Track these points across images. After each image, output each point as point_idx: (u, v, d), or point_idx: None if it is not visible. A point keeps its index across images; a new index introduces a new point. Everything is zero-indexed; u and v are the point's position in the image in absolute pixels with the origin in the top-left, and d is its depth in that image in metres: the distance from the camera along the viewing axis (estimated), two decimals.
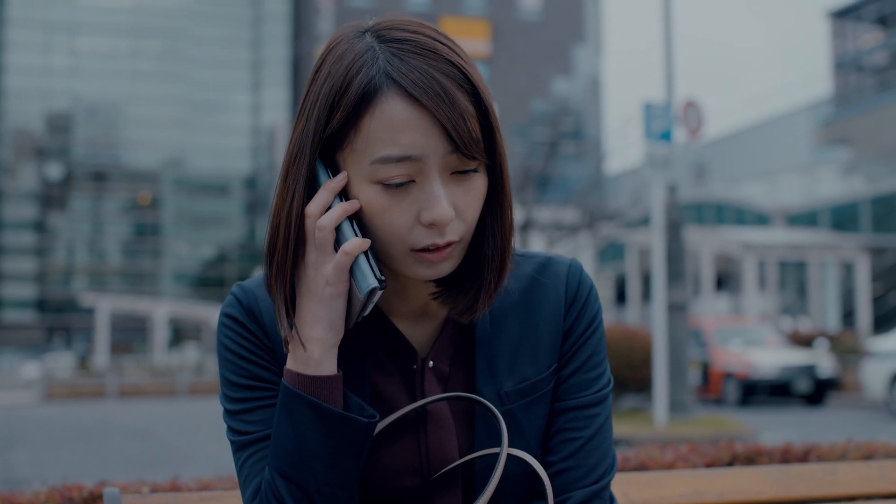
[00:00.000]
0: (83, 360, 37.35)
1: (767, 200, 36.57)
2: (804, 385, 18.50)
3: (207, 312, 44.58)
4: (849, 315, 30.18)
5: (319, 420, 1.22)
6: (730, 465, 2.73)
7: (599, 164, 35.01)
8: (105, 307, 42.41)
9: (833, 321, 29.65)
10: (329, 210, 1.22)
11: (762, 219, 35.49)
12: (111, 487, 1.61)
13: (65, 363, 38.99)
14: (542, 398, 1.34)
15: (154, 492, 2.27)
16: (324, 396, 1.23)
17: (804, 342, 22.17)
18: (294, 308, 1.25)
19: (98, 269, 75.72)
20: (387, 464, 1.30)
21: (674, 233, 13.65)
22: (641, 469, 2.63)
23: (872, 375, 16.11)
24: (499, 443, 1.30)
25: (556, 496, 1.30)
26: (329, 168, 1.25)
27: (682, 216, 14.41)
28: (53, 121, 75.94)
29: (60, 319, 72.77)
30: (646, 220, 24.79)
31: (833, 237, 30.42)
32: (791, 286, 32.93)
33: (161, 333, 42.86)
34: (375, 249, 1.25)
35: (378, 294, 1.22)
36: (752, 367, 18.53)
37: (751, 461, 2.76)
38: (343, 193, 1.24)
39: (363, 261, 1.22)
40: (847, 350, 21.70)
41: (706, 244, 28.40)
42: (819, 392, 18.64)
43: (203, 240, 77.91)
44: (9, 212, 74.09)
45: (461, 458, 1.31)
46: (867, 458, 2.71)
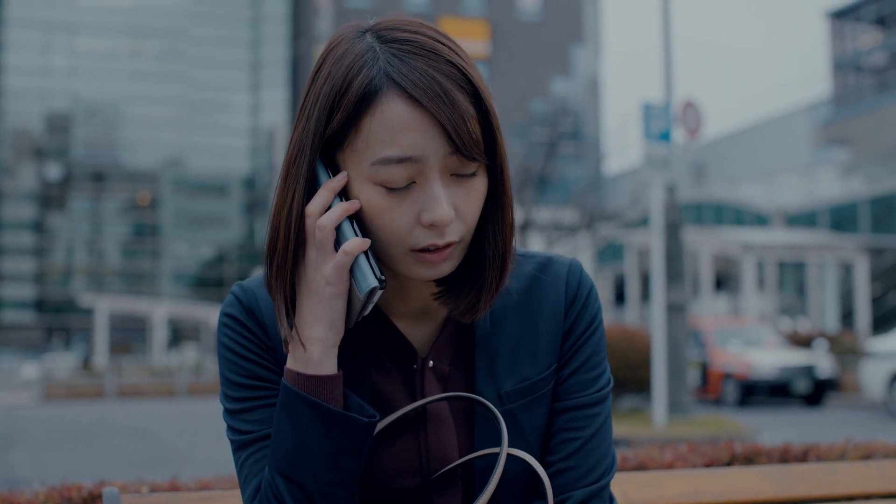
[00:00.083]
0: (86, 361, 37.28)
1: (766, 201, 36.57)
2: (803, 385, 18.50)
3: (206, 313, 44.56)
4: (848, 315, 30.19)
5: (319, 420, 1.22)
6: (729, 465, 2.73)
7: (598, 165, 35.02)
8: (104, 307, 42.41)
9: (832, 322, 29.66)
10: (329, 210, 1.23)
11: (761, 219, 35.49)
12: (110, 487, 1.61)
13: (64, 363, 38.98)
14: (542, 398, 1.34)
15: (153, 491, 2.27)
16: (324, 396, 1.23)
17: (803, 343, 22.18)
18: (294, 308, 1.25)
19: (97, 270, 75.69)
20: (387, 463, 1.30)
21: (673, 233, 13.65)
22: (640, 469, 2.63)
23: (871, 376, 16.11)
24: (499, 443, 1.30)
25: (556, 496, 1.31)
26: (329, 168, 1.25)
27: (681, 217, 14.41)
28: (52, 121, 75.90)
29: (59, 320, 72.72)
30: (645, 221, 24.78)
31: (832, 238, 30.42)
32: (790, 287, 32.94)
33: (160, 334, 42.85)
34: (375, 249, 1.25)
35: (378, 294, 1.22)
36: (751, 368, 18.53)
37: (750, 461, 2.76)
38: (343, 193, 1.24)
39: (363, 260, 1.22)
40: (846, 350, 21.70)
41: (705, 245, 28.40)
42: (818, 392, 18.64)
43: (202, 240, 77.88)
44: (8, 212, 74.06)
45: (461, 458, 1.31)
46: (866, 458, 2.72)
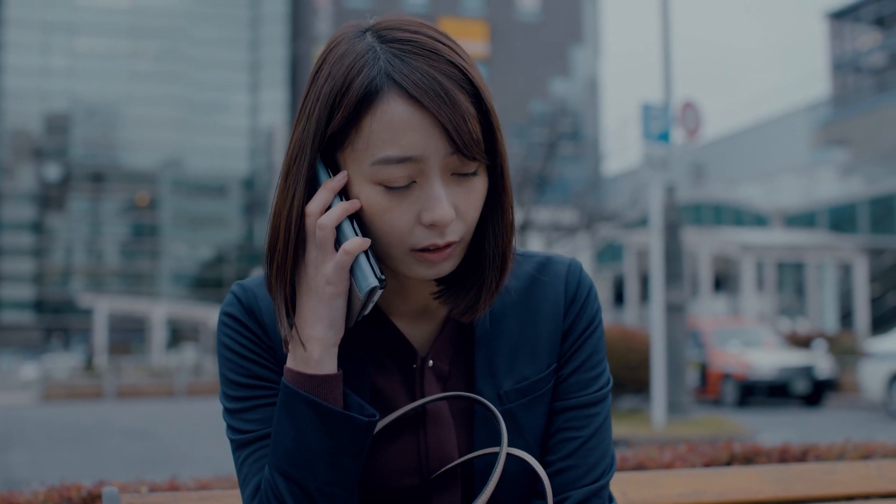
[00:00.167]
0: (89, 361, 37.20)
1: (765, 201, 36.57)
2: (802, 386, 18.50)
3: (205, 313, 44.56)
4: (847, 316, 30.19)
5: (319, 419, 1.22)
6: (728, 465, 2.73)
7: (597, 165, 34.94)
8: (103, 308, 42.42)
9: (831, 322, 29.66)
10: (330, 209, 1.23)
11: (760, 220, 35.50)
12: (110, 487, 1.61)
13: (63, 364, 38.95)
14: (542, 397, 1.34)
15: (153, 491, 2.27)
16: (324, 395, 1.23)
17: (802, 343, 22.17)
18: (294, 307, 1.25)
19: (96, 270, 75.67)
20: (386, 463, 1.30)
21: (672, 234, 13.65)
22: (640, 469, 2.63)
23: (870, 376, 16.12)
24: (498, 442, 1.30)
25: (556, 495, 1.31)
26: (330, 168, 1.25)
27: (681, 217, 14.41)
28: (52, 121, 75.88)
29: (58, 320, 72.70)
30: (644, 221, 24.77)
31: (831, 238, 30.42)
32: (789, 287, 32.94)
33: (159, 334, 42.85)
34: (375, 249, 1.25)
35: (378, 293, 1.22)
36: (751, 368, 18.53)
37: (749, 461, 2.76)
38: (343, 193, 1.24)
39: (363, 260, 1.22)
40: (845, 351, 21.70)
41: (704, 245, 28.40)
42: (817, 393, 18.64)
43: (201, 240, 77.86)
44: (7, 212, 74.04)
45: (461, 458, 1.31)
46: (865, 458, 2.72)
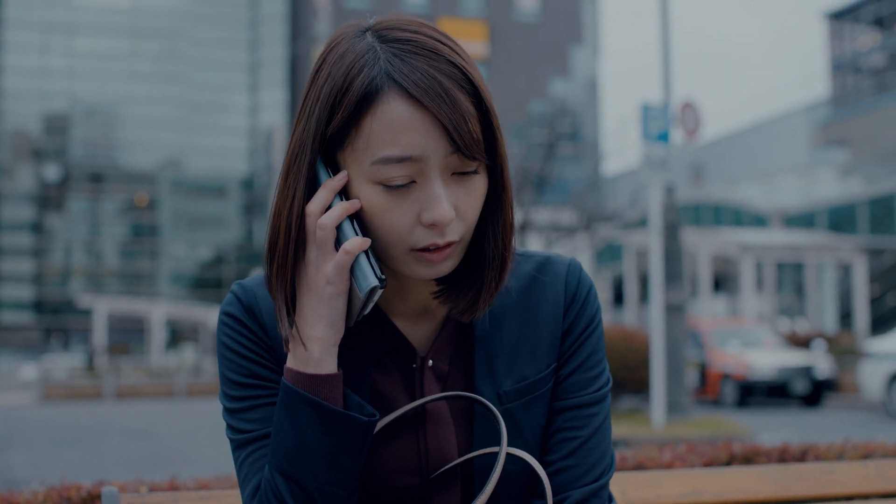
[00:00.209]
0: (91, 361, 37.14)
1: (765, 201, 36.58)
2: (802, 386, 18.50)
3: (205, 313, 44.55)
4: (846, 316, 30.19)
5: (319, 418, 1.22)
6: (728, 465, 2.73)
7: (597, 166, 34.97)
8: (102, 308, 42.42)
9: (830, 322, 29.65)
10: (330, 209, 1.23)
11: (760, 220, 35.49)
12: (110, 487, 1.61)
13: (63, 364, 38.94)
14: (541, 397, 1.34)
15: (152, 491, 2.27)
16: (324, 395, 1.23)
17: (802, 343, 22.17)
18: (295, 307, 1.25)
19: (95, 271, 75.65)
20: (386, 463, 1.30)
21: (671, 234, 13.64)
22: (639, 469, 2.63)
23: (870, 376, 16.12)
24: (498, 442, 1.30)
25: (555, 495, 1.31)
26: (330, 167, 1.25)
27: (680, 217, 14.42)
28: (51, 122, 75.87)
29: (58, 320, 72.68)
30: (643, 222, 24.77)
31: (830, 238, 30.42)
32: (788, 287, 32.94)
33: (158, 334, 42.84)
34: (375, 249, 1.25)
35: (378, 293, 1.22)
36: (750, 369, 18.53)
37: (748, 461, 2.76)
38: (344, 193, 1.24)
39: (363, 260, 1.22)
40: (844, 351, 21.69)
41: (704, 245, 28.39)
42: (816, 393, 18.64)
43: (200, 241, 77.84)
44: (6, 213, 74.02)
45: (460, 457, 1.31)
46: (865, 458, 2.72)
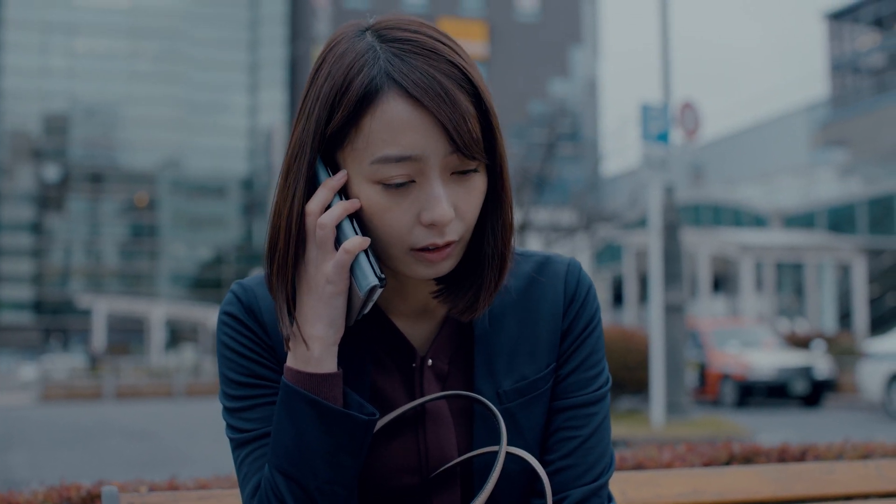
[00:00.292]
0: (94, 361, 37.14)
1: (764, 202, 36.57)
2: (801, 386, 18.50)
3: (204, 314, 44.56)
4: (846, 316, 30.19)
5: (319, 417, 1.22)
6: (727, 465, 2.73)
7: (596, 166, 34.96)
8: (102, 308, 42.46)
9: (830, 323, 29.65)
10: (330, 208, 1.23)
11: (759, 220, 35.49)
12: (109, 486, 1.61)
13: (63, 364, 38.94)
14: (541, 397, 1.34)
15: (152, 491, 2.27)
16: (324, 394, 1.23)
17: (801, 344, 22.17)
18: (295, 306, 1.25)
19: (95, 271, 75.64)
20: (386, 462, 1.31)
21: (671, 234, 13.65)
22: (639, 468, 2.63)
23: (869, 377, 16.12)
24: (497, 441, 1.30)
25: (555, 494, 1.31)
26: (329, 167, 1.26)
27: (679, 218, 14.41)
28: (50, 122, 75.86)
29: (57, 321, 72.67)
30: (643, 222, 24.77)
31: (830, 239, 30.42)
32: (788, 288, 32.94)
33: (158, 335, 42.85)
34: (375, 248, 1.25)
35: (378, 292, 1.22)
36: (749, 369, 18.53)
37: (748, 461, 2.76)
38: (343, 192, 1.24)
39: (363, 259, 1.22)
40: (844, 351, 21.70)
41: (703, 246, 28.39)
42: (816, 393, 18.64)
43: (200, 241, 77.83)
44: (6, 213, 74.01)
45: (460, 457, 1.32)
46: (864, 458, 2.72)
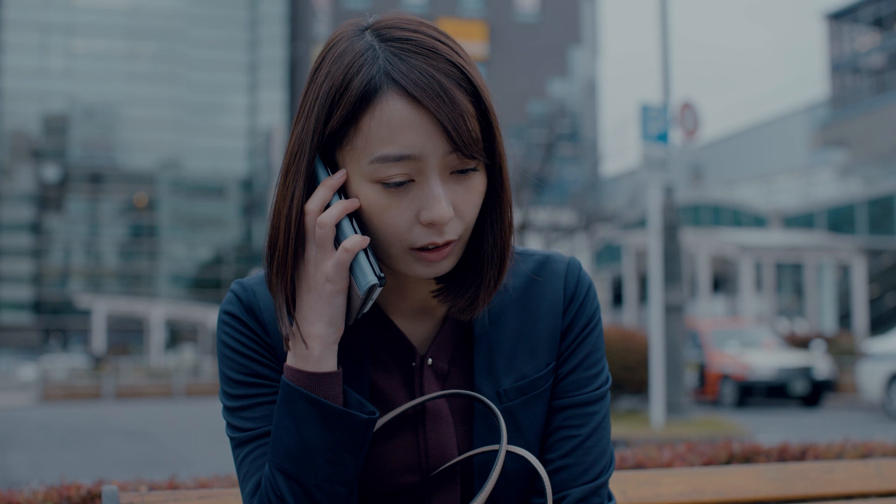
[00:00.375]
0: (98, 361, 37.13)
1: (764, 202, 36.55)
2: (801, 387, 18.50)
3: (204, 314, 44.54)
4: (845, 317, 30.19)
5: (319, 416, 1.22)
6: (727, 464, 2.73)
7: (596, 166, 34.99)
8: (101, 309, 42.44)
9: (829, 323, 29.64)
10: (329, 207, 1.23)
11: (759, 221, 35.48)
12: (110, 486, 1.61)
13: (62, 364, 38.94)
14: (541, 396, 1.34)
15: (152, 490, 2.27)
16: (324, 393, 1.23)
17: (801, 344, 22.17)
18: (294, 305, 1.25)
19: (94, 271, 75.61)
20: (386, 461, 1.31)
21: (670, 234, 13.65)
22: (639, 468, 2.63)
23: (869, 377, 16.12)
24: (498, 440, 1.30)
25: (555, 493, 1.31)
26: (329, 166, 1.25)
27: (679, 218, 14.41)
28: (50, 122, 75.82)
29: (57, 321, 72.64)
30: (642, 222, 24.79)
31: (829, 239, 30.42)
32: (788, 288, 32.93)
33: (157, 335, 42.82)
34: (374, 248, 1.25)
35: (378, 291, 1.22)
36: (749, 369, 18.53)
37: (748, 460, 2.76)
38: (343, 191, 1.24)
39: (363, 258, 1.22)
40: (843, 352, 21.69)
41: (703, 246, 28.38)
42: (816, 394, 18.65)
43: (199, 241, 77.79)
44: (5, 213, 73.97)
45: (460, 455, 1.32)
46: (864, 458, 2.72)
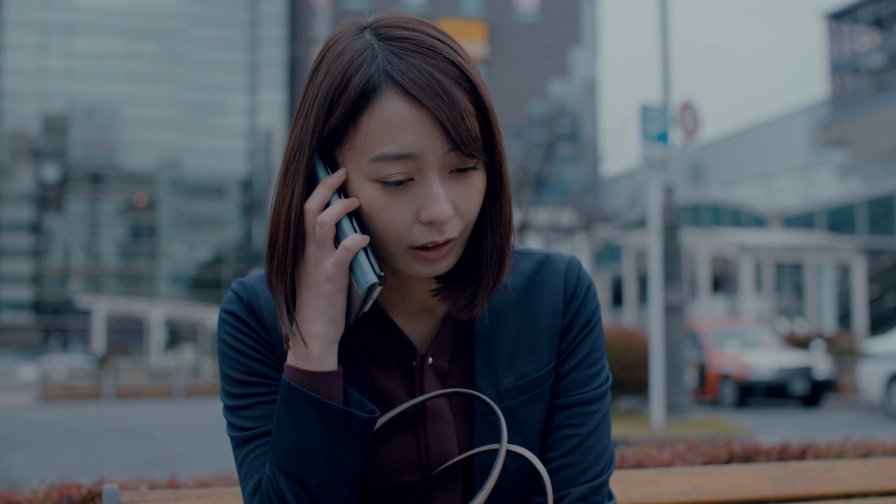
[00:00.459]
0: (102, 361, 37.11)
1: (764, 202, 36.55)
2: (801, 387, 18.50)
3: (204, 314, 44.53)
4: (845, 317, 30.19)
5: (320, 415, 1.22)
6: (727, 464, 2.73)
7: (596, 166, 34.98)
8: (101, 309, 42.42)
9: (829, 323, 29.64)
10: (329, 206, 1.23)
11: (759, 221, 35.47)
12: (110, 485, 1.61)
13: (62, 364, 38.93)
14: (541, 395, 1.34)
15: (153, 489, 2.26)
16: (324, 392, 1.23)
17: (801, 344, 22.16)
18: (295, 304, 1.25)
19: (94, 271, 75.61)
20: (386, 460, 1.31)
21: (670, 234, 13.64)
22: (639, 467, 2.63)
23: (869, 377, 16.12)
24: (498, 439, 1.30)
25: (556, 492, 1.31)
26: (328, 165, 1.25)
27: (679, 218, 14.41)
28: (50, 122, 75.83)
29: (57, 321, 72.64)
30: (642, 222, 24.79)
31: (829, 239, 30.41)
32: (787, 288, 32.93)
33: (157, 335, 42.81)
34: (374, 246, 1.25)
35: (377, 290, 1.22)
36: (749, 369, 18.53)
37: (748, 459, 2.76)
38: (342, 190, 1.24)
39: (362, 257, 1.22)
40: (843, 352, 21.69)
41: (703, 246, 28.38)
42: (815, 394, 18.64)
43: (199, 241, 77.80)
44: (5, 213, 73.98)
45: (460, 455, 1.32)
46: (864, 457, 2.72)
